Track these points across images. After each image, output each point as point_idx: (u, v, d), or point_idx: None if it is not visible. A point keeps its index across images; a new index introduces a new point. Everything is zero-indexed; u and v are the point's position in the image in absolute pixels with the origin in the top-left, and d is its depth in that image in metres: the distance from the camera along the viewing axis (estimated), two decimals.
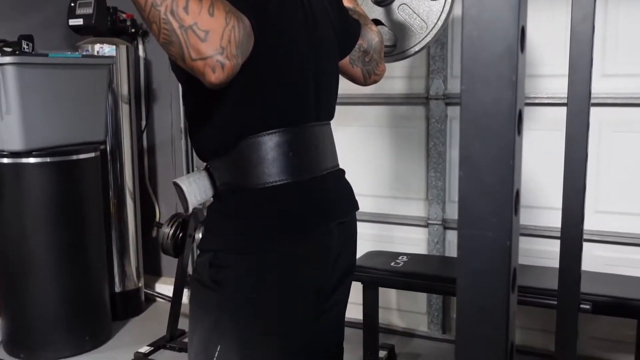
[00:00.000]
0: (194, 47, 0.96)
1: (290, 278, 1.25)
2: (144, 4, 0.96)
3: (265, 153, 1.20)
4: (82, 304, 3.02)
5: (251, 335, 1.24)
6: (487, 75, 0.62)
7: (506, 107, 0.62)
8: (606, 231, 2.68)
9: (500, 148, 0.66)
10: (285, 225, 1.23)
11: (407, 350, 2.98)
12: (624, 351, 2.67)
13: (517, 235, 0.70)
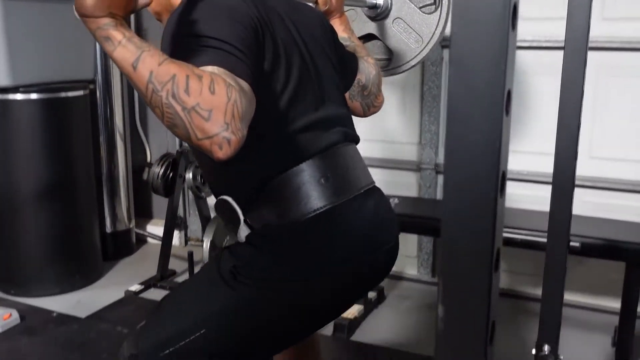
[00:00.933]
0: (199, 127, 0.95)
1: (313, 309, 1.26)
2: (145, 90, 0.94)
3: (295, 188, 1.20)
4: (72, 243, 3.02)
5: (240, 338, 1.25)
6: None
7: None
8: (599, 177, 2.68)
9: (492, 45, 0.64)
10: (322, 261, 1.22)
11: (396, 292, 3.00)
12: (611, 295, 2.70)
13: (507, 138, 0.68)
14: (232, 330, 1.22)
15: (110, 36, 0.93)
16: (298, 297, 1.22)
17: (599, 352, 2.44)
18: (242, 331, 1.23)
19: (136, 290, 2.96)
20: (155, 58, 0.94)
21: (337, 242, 1.22)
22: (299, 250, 1.20)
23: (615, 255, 2.23)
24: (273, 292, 1.20)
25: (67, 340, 2.51)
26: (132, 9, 0.97)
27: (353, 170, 1.29)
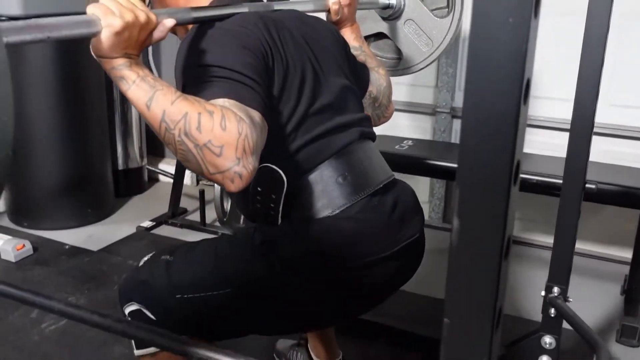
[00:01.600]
0: (211, 162, 0.96)
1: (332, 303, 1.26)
2: (159, 128, 0.96)
3: (314, 190, 1.21)
4: (85, 178, 3.03)
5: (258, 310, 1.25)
6: None
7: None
8: (618, 125, 2.62)
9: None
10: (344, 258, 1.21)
11: None
12: (624, 245, 2.68)
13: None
14: (252, 298, 1.23)
15: (125, 76, 0.95)
16: (319, 289, 1.22)
17: (608, 299, 2.44)
18: (260, 302, 1.23)
19: (147, 227, 2.98)
20: (168, 97, 0.95)
21: (358, 239, 1.22)
22: (323, 245, 1.20)
23: (631, 202, 2.20)
24: (299, 275, 1.21)
25: (79, 272, 2.54)
26: (147, 46, 1.00)
27: (370, 165, 1.29)
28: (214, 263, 1.26)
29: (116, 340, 2.04)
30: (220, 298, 1.21)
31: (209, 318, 1.26)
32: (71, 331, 2.11)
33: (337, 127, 1.25)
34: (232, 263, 1.24)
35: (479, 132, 0.65)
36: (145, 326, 1.08)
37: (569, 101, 1.69)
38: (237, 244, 1.29)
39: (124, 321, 1.04)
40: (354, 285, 1.24)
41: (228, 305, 1.23)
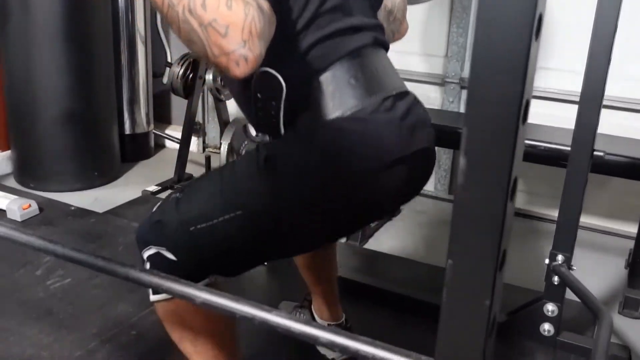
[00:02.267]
0: (216, 43, 0.94)
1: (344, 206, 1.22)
2: (162, 4, 0.94)
3: (326, 90, 1.16)
4: (91, 141, 3.04)
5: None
6: None
7: None
8: (629, 98, 2.60)
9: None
10: (355, 158, 1.18)
11: (412, 207, 3.00)
12: (630, 220, 2.67)
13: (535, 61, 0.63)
14: (264, 216, 1.20)
15: None
16: (331, 191, 1.19)
17: (612, 272, 2.44)
18: (273, 220, 1.21)
19: (153, 191, 2.99)
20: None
21: (370, 141, 1.18)
22: (334, 148, 1.17)
23: (638, 174, 2.19)
24: (310, 184, 1.18)
25: (85, 232, 2.55)
26: None
27: (384, 72, 1.25)
28: (220, 188, 1.23)
29: (120, 299, 2.06)
30: (233, 223, 1.19)
31: (226, 247, 1.23)
32: (75, 289, 2.13)
33: (351, 28, 1.21)
34: (238, 184, 1.22)
35: (488, 70, 0.64)
36: (151, 271, 1.07)
37: (580, 74, 1.68)
38: (242, 164, 1.26)
39: (128, 265, 1.04)
40: (366, 190, 1.20)
41: (242, 228, 1.19)
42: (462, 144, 0.69)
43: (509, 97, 0.65)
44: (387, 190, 1.23)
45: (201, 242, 1.22)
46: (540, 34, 0.66)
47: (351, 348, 0.83)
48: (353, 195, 1.20)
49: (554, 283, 1.82)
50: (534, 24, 0.62)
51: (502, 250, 0.71)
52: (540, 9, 0.63)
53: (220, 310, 0.94)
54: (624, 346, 1.88)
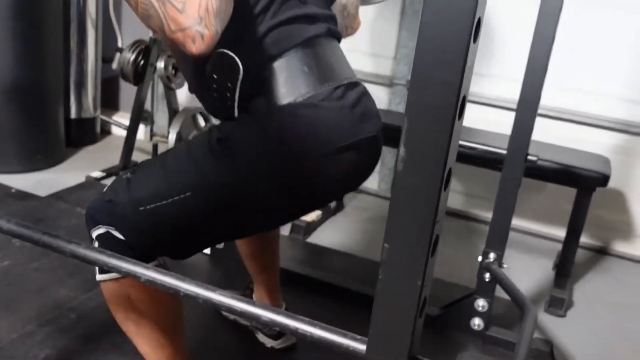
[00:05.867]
0: (173, 18, 0.96)
1: (294, 192, 1.26)
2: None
3: (279, 77, 1.20)
4: (35, 123, 2.98)
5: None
6: None
7: None
8: (565, 109, 2.74)
9: None
10: (305, 145, 1.21)
11: (355, 203, 3.08)
12: (559, 224, 2.81)
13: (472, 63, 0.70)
14: (214, 198, 1.24)
15: None
16: (281, 174, 1.23)
17: (540, 273, 2.56)
18: (223, 201, 1.24)
19: (97, 177, 2.96)
20: None
21: (321, 126, 1.23)
22: (285, 132, 1.21)
23: (569, 181, 2.32)
24: (261, 166, 1.22)
25: (26, 215, 2.51)
26: None
27: (336, 62, 1.30)
28: (171, 168, 1.26)
29: (60, 283, 2.05)
30: (182, 204, 1.21)
31: (175, 228, 1.26)
32: (14, 272, 2.10)
33: (306, 17, 1.25)
34: (189, 166, 1.25)
35: (430, 66, 0.70)
36: (98, 249, 1.09)
37: (518, 81, 1.78)
38: (193, 146, 1.29)
39: (75, 242, 1.06)
40: (316, 173, 1.25)
41: (191, 210, 1.22)
42: (403, 135, 0.75)
43: (447, 92, 0.71)
44: (335, 175, 1.28)
45: (150, 222, 1.24)
46: (479, 36, 0.72)
47: (290, 327, 0.88)
48: (303, 178, 1.24)
49: (485, 280, 1.92)
50: (472, 26, 0.68)
51: (435, 236, 0.77)
52: (480, 13, 0.69)
53: (166, 288, 0.96)
54: (546, 341, 1.99)
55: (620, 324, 2.29)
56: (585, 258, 2.75)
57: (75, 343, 1.77)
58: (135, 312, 1.33)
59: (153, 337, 1.36)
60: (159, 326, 1.35)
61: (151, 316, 1.33)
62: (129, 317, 1.34)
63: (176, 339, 1.41)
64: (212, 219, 1.26)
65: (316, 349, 1.85)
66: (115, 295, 1.32)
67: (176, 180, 1.24)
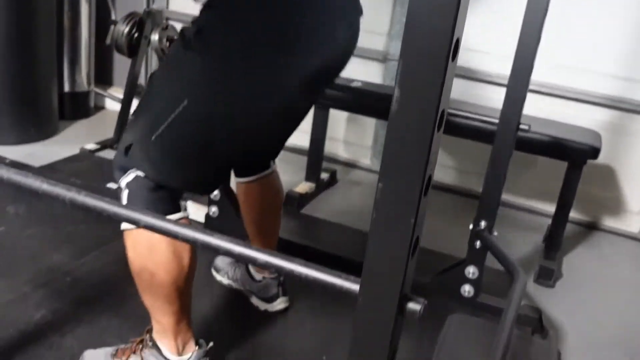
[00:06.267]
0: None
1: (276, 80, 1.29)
2: None
3: None
4: (29, 95, 2.98)
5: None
6: None
7: None
8: (556, 85, 2.76)
9: None
10: (281, 26, 1.24)
11: (348, 178, 3.10)
12: (550, 199, 2.85)
13: None
14: (209, 94, 1.27)
15: None
16: (256, 57, 1.25)
17: (530, 246, 2.60)
18: (218, 94, 1.27)
19: (92, 149, 2.97)
20: None
21: (296, 10, 1.26)
22: (258, 16, 1.24)
23: (559, 154, 2.34)
24: (242, 53, 1.24)
25: None
26: None
27: None
28: (160, 88, 1.30)
29: (55, 249, 2.06)
30: (185, 116, 1.25)
31: (191, 146, 1.29)
32: (8, 239, 2.11)
33: None
34: (173, 74, 1.29)
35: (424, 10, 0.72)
36: (94, 195, 1.09)
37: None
38: (170, 56, 1.33)
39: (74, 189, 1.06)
40: (290, 63, 1.29)
41: (195, 118, 1.26)
42: (397, 75, 0.76)
43: (440, 35, 0.73)
44: (314, 63, 1.33)
45: (166, 149, 1.28)
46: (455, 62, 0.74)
47: (285, 268, 0.90)
48: (277, 66, 1.27)
49: (476, 247, 1.95)
50: None
51: (428, 175, 0.79)
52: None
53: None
54: (535, 308, 2.02)
55: (608, 297, 2.33)
56: (574, 233, 2.79)
57: (70, 305, 1.79)
58: (153, 263, 1.34)
59: (164, 292, 1.38)
60: (173, 280, 1.37)
61: (168, 270, 1.35)
62: (146, 268, 1.35)
63: (185, 298, 1.43)
64: (216, 121, 1.28)
65: (308, 312, 1.89)
66: (138, 244, 1.34)
67: (169, 94, 1.27)
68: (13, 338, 1.62)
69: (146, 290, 1.39)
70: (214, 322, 1.80)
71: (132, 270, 1.38)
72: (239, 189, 1.80)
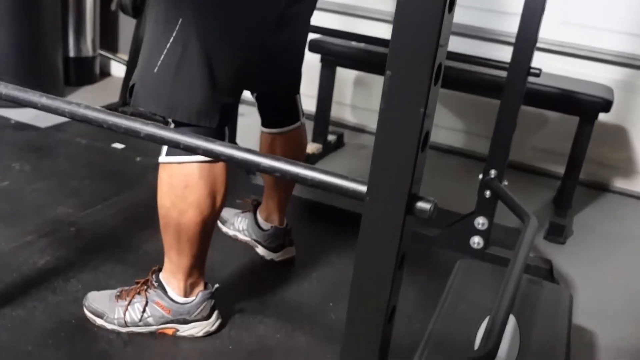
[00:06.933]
0: None
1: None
2: None
3: None
4: (34, 59, 2.95)
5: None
6: None
7: None
8: (568, 43, 2.71)
9: None
10: None
11: (355, 141, 3.06)
12: (560, 163, 2.81)
13: None
14: (202, 8, 1.25)
15: None
16: None
17: (540, 204, 2.56)
18: (210, 8, 1.25)
19: None
20: None
21: None
22: None
23: (570, 108, 2.30)
24: None
25: (25, 143, 2.51)
26: None
27: None
28: (155, 17, 1.29)
29: (60, 203, 2.04)
30: (182, 35, 1.24)
31: (192, 72, 1.27)
32: (13, 192, 2.09)
33: None
34: (161, 5, 1.27)
35: None
36: (105, 110, 1.06)
37: None
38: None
39: (74, 103, 1.04)
40: None
41: (194, 36, 1.24)
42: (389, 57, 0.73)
43: None
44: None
45: (167, 77, 1.27)
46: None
47: (291, 172, 0.87)
48: None
49: (485, 196, 1.92)
50: None
51: (438, 64, 0.76)
52: None
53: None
54: (546, 259, 1.99)
55: (618, 254, 2.29)
56: (585, 195, 2.74)
57: (74, 252, 1.77)
58: (186, 201, 1.32)
59: (190, 232, 1.36)
60: (202, 220, 1.35)
61: (201, 209, 1.34)
62: (178, 205, 1.33)
63: (206, 242, 1.42)
64: (212, 37, 1.27)
65: (314, 263, 1.86)
66: (175, 179, 1.32)
67: (164, 18, 1.26)
68: (16, 282, 1.61)
69: (170, 227, 1.37)
70: (220, 272, 1.77)
71: (161, 205, 1.36)
72: (263, 138, 1.77)
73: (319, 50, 2.55)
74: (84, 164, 2.38)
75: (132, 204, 2.09)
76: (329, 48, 2.55)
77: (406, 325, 1.61)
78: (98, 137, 2.63)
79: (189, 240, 1.37)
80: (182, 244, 1.38)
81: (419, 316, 1.65)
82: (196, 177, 1.32)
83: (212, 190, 1.34)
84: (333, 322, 1.61)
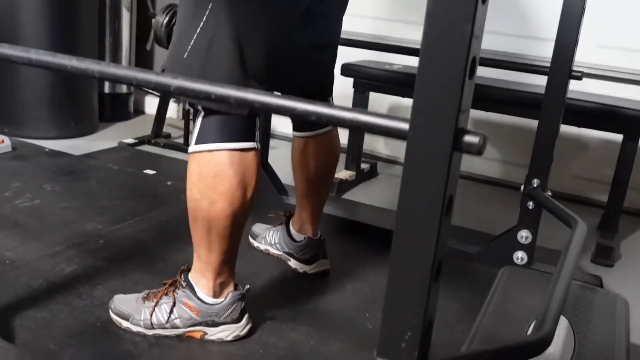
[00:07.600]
0: None
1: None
2: None
3: None
4: (71, 91, 3.02)
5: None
6: None
7: None
8: (605, 65, 2.65)
9: None
10: None
11: (389, 171, 3.01)
12: (601, 191, 2.70)
13: None
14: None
15: None
16: None
17: None
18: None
19: (130, 142, 2.96)
20: None
21: None
22: None
23: (613, 125, 2.22)
24: None
25: (58, 168, 2.51)
26: None
27: None
28: (185, 5, 1.28)
29: (90, 219, 2.01)
30: (211, 22, 1.23)
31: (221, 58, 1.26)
32: (44, 209, 2.08)
33: None
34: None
35: None
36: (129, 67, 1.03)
37: None
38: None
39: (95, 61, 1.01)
40: None
41: (222, 20, 1.23)
42: None
43: None
44: None
45: (197, 63, 1.25)
46: None
47: (327, 114, 0.82)
48: None
49: (528, 208, 1.83)
50: None
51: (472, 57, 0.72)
52: None
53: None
54: (596, 275, 1.87)
55: None
56: (631, 222, 2.62)
57: (101, 261, 1.72)
58: (216, 192, 1.28)
59: (220, 225, 1.30)
60: (232, 212, 1.29)
61: (231, 201, 1.29)
62: (207, 196, 1.28)
63: (237, 237, 1.36)
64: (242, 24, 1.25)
65: (349, 274, 1.78)
66: (205, 168, 1.28)
67: (193, 7, 1.24)
68: (42, 287, 1.56)
69: (199, 220, 1.31)
70: (250, 282, 1.69)
71: (190, 197, 1.31)
72: (295, 144, 1.72)
73: (351, 74, 2.54)
74: (115, 186, 2.36)
75: (162, 220, 2.05)
76: (361, 71, 2.53)
77: (449, 337, 1.51)
78: (130, 163, 2.62)
79: (219, 234, 1.32)
80: (212, 238, 1.32)
81: (461, 327, 1.55)
82: (227, 166, 1.27)
83: (243, 181, 1.29)
84: (369, 331, 1.52)
